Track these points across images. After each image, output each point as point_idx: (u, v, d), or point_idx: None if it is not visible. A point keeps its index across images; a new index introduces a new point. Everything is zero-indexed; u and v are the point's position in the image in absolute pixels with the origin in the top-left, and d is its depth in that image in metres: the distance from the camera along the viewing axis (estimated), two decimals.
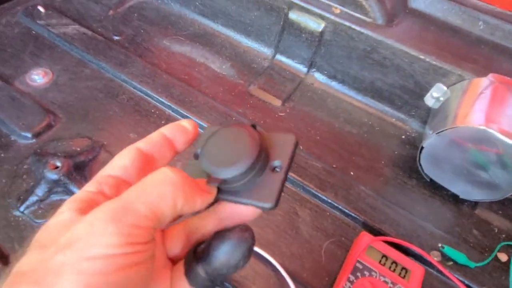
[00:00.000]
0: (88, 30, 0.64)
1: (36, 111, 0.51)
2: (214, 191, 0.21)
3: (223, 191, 0.21)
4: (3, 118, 0.49)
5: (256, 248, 0.42)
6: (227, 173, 0.20)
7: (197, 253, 0.21)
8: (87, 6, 0.70)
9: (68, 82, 0.57)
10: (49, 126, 0.50)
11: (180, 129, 0.23)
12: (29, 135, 0.49)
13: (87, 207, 0.18)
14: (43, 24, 0.63)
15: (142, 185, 0.18)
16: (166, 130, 0.23)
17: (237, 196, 0.20)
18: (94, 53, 0.60)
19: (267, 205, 0.20)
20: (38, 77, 0.56)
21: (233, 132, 0.21)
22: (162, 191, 0.18)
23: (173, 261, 0.22)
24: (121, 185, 0.20)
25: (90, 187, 0.20)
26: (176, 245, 0.22)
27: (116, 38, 0.65)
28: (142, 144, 0.22)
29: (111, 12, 0.70)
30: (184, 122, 0.23)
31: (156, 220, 0.17)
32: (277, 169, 0.20)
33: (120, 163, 0.21)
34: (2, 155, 0.47)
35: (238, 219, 0.21)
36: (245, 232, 0.20)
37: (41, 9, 0.65)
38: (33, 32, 0.63)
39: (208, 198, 0.20)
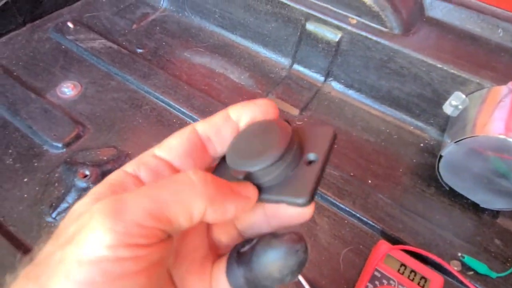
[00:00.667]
0: (114, 44, 0.67)
1: (66, 122, 0.54)
2: (253, 196, 0.18)
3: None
4: (37, 129, 0.52)
5: None
6: (252, 165, 0.18)
7: (240, 254, 0.19)
8: (113, 21, 0.73)
9: (95, 94, 0.60)
10: (78, 137, 0.53)
11: (249, 110, 0.19)
12: (60, 145, 0.52)
13: (113, 192, 0.17)
14: (72, 39, 0.67)
15: (159, 182, 0.16)
16: (233, 110, 0.19)
17: (267, 193, 0.18)
18: (119, 66, 0.63)
19: (300, 200, 0.17)
20: (68, 90, 0.59)
21: (263, 125, 0.19)
22: (176, 190, 0.15)
23: (219, 251, 0.20)
24: (163, 168, 0.18)
25: (128, 167, 0.18)
26: (222, 234, 0.20)
27: (139, 51, 0.68)
28: (201, 124, 0.19)
29: (134, 26, 0.73)
30: (260, 101, 0.20)
31: (166, 221, 0.15)
32: (313, 163, 0.18)
33: (169, 143, 0.19)
34: (36, 164, 0.50)
35: (285, 220, 0.19)
36: (295, 242, 0.17)
37: (70, 25, 0.69)
38: (63, 47, 0.67)
39: (244, 204, 0.17)
